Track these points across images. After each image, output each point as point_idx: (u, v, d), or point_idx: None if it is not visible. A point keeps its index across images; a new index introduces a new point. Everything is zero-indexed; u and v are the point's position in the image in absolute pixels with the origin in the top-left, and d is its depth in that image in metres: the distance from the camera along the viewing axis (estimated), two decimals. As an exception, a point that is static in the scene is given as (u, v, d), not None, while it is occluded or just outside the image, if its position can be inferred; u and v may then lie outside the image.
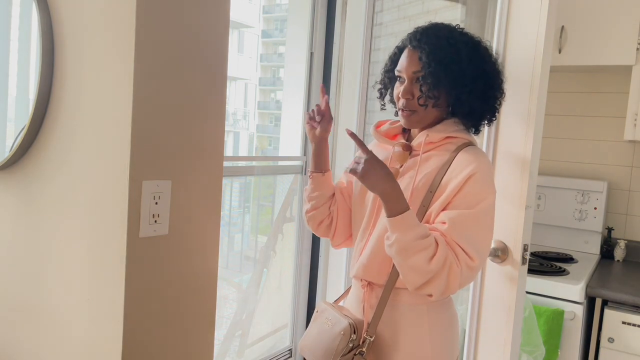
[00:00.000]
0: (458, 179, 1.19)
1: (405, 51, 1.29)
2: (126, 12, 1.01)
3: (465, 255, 1.16)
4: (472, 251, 1.16)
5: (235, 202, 2.19)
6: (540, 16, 1.51)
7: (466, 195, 1.19)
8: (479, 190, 1.19)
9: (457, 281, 1.16)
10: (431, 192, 1.23)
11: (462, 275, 1.16)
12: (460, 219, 1.17)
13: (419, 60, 1.25)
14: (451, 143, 1.28)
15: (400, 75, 1.29)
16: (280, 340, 2.26)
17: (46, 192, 1.19)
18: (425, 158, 1.29)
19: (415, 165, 1.28)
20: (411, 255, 1.14)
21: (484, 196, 1.19)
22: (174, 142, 1.10)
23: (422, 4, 2.26)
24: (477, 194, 1.19)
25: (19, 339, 1.26)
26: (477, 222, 1.18)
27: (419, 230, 1.15)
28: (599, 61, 2.34)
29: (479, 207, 1.18)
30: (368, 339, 1.24)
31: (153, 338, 1.11)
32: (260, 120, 11.29)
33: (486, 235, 1.21)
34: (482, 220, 1.19)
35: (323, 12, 2.11)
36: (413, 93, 1.27)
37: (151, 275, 1.09)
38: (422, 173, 1.26)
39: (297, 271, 2.20)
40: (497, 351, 1.60)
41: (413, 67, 1.26)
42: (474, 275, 1.20)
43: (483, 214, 1.19)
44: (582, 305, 2.02)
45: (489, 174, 1.23)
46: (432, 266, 1.13)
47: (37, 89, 1.14)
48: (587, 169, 2.67)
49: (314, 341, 1.33)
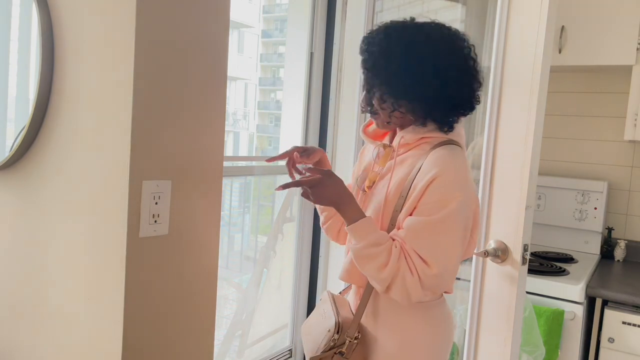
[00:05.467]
0: (422, 183, 1.16)
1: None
2: (126, 12, 1.01)
3: (422, 264, 1.13)
4: (430, 259, 1.13)
5: (235, 202, 2.19)
6: (540, 16, 1.51)
7: (428, 201, 1.15)
8: (440, 197, 1.14)
9: (416, 289, 1.13)
10: (403, 196, 1.20)
11: (423, 283, 1.13)
12: (419, 226, 1.14)
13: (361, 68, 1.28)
14: (427, 143, 1.24)
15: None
16: (280, 340, 2.26)
17: (46, 192, 1.19)
18: (401, 160, 1.26)
19: (390, 170, 1.27)
20: (365, 264, 1.17)
21: (446, 202, 1.14)
22: (174, 142, 1.10)
23: (422, 4, 2.27)
24: (438, 200, 1.14)
25: (19, 339, 1.26)
26: (437, 229, 1.14)
27: (371, 239, 1.15)
28: (599, 61, 2.34)
29: (441, 214, 1.13)
30: (348, 340, 1.24)
31: (153, 338, 1.11)
32: (260, 120, 11.29)
33: (449, 242, 1.15)
34: (443, 227, 1.14)
35: (323, 12, 2.11)
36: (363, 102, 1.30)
37: (151, 275, 1.09)
38: (396, 177, 1.24)
39: (297, 271, 2.20)
40: (497, 351, 1.60)
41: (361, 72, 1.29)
42: (440, 281, 1.15)
43: (445, 221, 1.14)
44: (582, 305, 2.02)
45: (455, 177, 1.17)
46: (383, 275, 1.14)
47: (37, 89, 1.14)
48: (587, 169, 2.67)
49: (309, 330, 1.35)
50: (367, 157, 1.41)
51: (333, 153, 2.13)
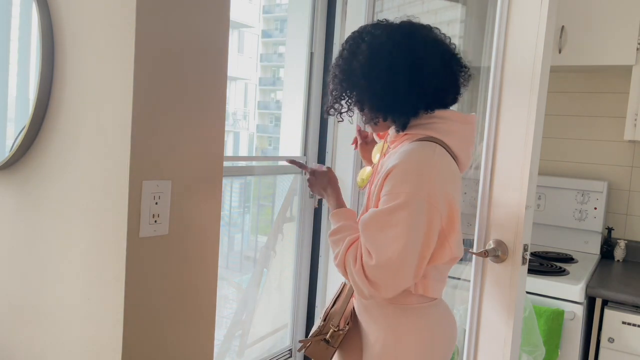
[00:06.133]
0: (382, 176, 1.18)
1: None
2: (126, 12, 1.01)
3: (366, 254, 1.14)
4: (372, 249, 1.13)
5: (235, 202, 2.19)
6: (540, 16, 1.51)
7: (383, 193, 1.16)
8: (392, 188, 1.14)
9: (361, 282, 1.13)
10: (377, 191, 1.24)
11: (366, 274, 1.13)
12: (368, 217, 1.16)
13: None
14: (408, 139, 1.25)
15: None
16: (280, 340, 2.26)
17: (46, 192, 1.19)
18: (387, 157, 1.28)
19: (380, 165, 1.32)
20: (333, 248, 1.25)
21: (396, 195, 1.12)
22: (174, 142, 1.10)
23: (422, 4, 2.26)
24: (390, 191, 1.14)
25: (19, 338, 1.26)
26: (382, 220, 1.13)
27: (336, 228, 1.25)
28: (599, 61, 2.33)
29: (391, 205, 1.12)
30: (332, 329, 1.31)
31: (153, 338, 1.11)
32: (260, 120, 11.28)
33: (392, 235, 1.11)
34: (388, 219, 1.12)
35: (323, 12, 2.11)
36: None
37: (151, 275, 1.09)
38: (379, 172, 1.25)
39: (297, 271, 2.20)
40: (497, 351, 1.60)
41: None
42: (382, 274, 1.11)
43: (392, 212, 1.12)
44: (582, 305, 2.02)
45: (411, 170, 1.14)
46: (336, 262, 1.21)
47: (37, 89, 1.14)
48: (587, 169, 2.67)
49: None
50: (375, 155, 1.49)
51: (333, 153, 2.13)
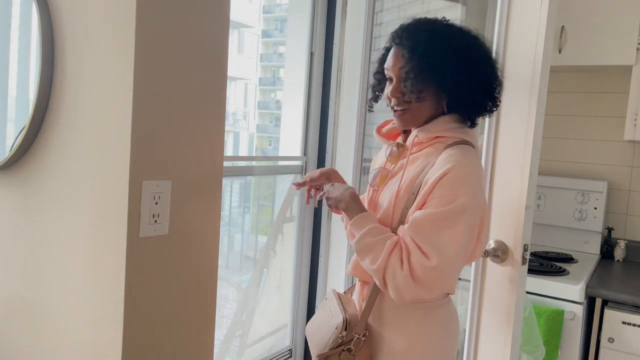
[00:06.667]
0: (432, 179, 1.17)
1: (392, 50, 1.28)
2: (126, 12, 1.01)
3: (421, 256, 1.12)
4: (431, 251, 1.12)
5: (235, 202, 2.19)
6: (540, 16, 1.51)
7: (437, 195, 1.15)
8: (450, 190, 1.14)
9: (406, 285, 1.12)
10: (413, 193, 1.21)
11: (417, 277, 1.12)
12: (423, 218, 1.14)
13: (402, 57, 1.23)
14: (441, 142, 1.25)
15: (388, 74, 1.28)
16: (280, 340, 2.26)
17: (46, 192, 1.19)
18: (413, 159, 1.27)
19: (402, 168, 1.28)
20: (363, 257, 1.19)
21: (455, 196, 1.14)
22: (174, 142, 1.10)
23: (422, 4, 2.26)
24: (448, 194, 1.14)
25: (19, 339, 1.26)
26: (443, 221, 1.13)
27: (366, 232, 1.19)
28: (599, 61, 2.34)
29: (450, 207, 1.13)
30: (356, 337, 1.24)
31: (153, 338, 1.11)
32: (260, 120, 11.28)
33: (454, 235, 1.13)
34: (450, 220, 1.13)
35: (323, 12, 2.11)
36: (402, 91, 1.24)
37: (151, 275, 1.09)
38: (408, 175, 1.25)
39: (297, 271, 2.20)
40: (497, 351, 1.60)
41: (398, 64, 1.24)
42: (437, 276, 1.12)
43: (453, 213, 1.13)
44: (582, 305, 2.02)
45: (467, 173, 1.17)
46: (375, 267, 1.16)
47: (37, 89, 1.14)
48: (587, 169, 2.67)
49: (315, 329, 1.35)
50: (379, 159, 1.43)
51: (333, 153, 2.13)
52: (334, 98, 2.10)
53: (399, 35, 1.26)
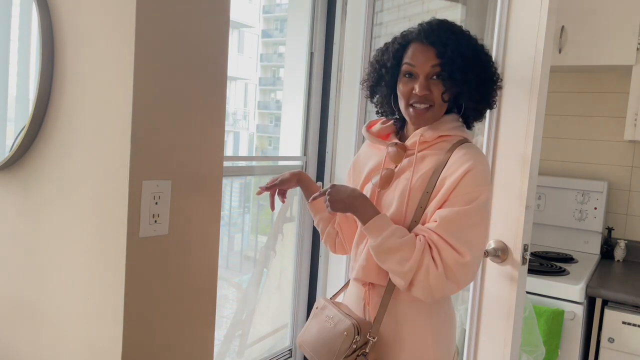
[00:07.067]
0: (454, 176, 1.19)
1: (416, 46, 1.26)
2: (126, 12, 1.01)
3: (454, 252, 1.14)
4: (463, 248, 1.14)
5: (235, 202, 2.19)
6: (540, 16, 1.51)
7: (461, 193, 1.18)
8: (473, 188, 1.18)
9: (440, 283, 1.14)
10: (427, 192, 1.22)
11: (450, 274, 1.14)
12: (452, 216, 1.16)
13: (437, 56, 1.23)
14: (445, 141, 1.27)
15: (413, 71, 1.26)
16: (280, 340, 2.26)
17: (46, 192, 1.19)
18: (421, 158, 1.28)
19: (410, 166, 1.28)
20: (386, 258, 1.18)
21: (478, 193, 1.18)
22: (174, 142, 1.10)
23: (422, 4, 2.27)
24: (472, 191, 1.18)
25: (19, 339, 1.26)
26: (470, 218, 1.17)
27: (389, 231, 1.18)
28: (599, 61, 2.34)
29: (474, 204, 1.17)
30: (371, 340, 1.23)
31: (153, 338, 1.11)
32: (260, 120, 11.29)
33: (480, 231, 1.19)
34: (476, 217, 1.17)
35: (323, 12, 2.11)
36: (430, 89, 1.24)
37: (151, 275, 1.09)
38: (418, 174, 1.25)
39: (297, 271, 2.20)
40: (497, 351, 1.60)
41: (431, 61, 1.23)
42: (468, 271, 1.16)
43: (477, 210, 1.17)
44: (582, 305, 2.02)
45: (485, 171, 1.21)
46: (406, 268, 1.15)
47: (37, 89, 1.14)
48: (587, 169, 2.67)
49: (316, 339, 1.32)
50: (368, 160, 1.40)
51: (333, 153, 2.13)
52: (334, 98, 2.10)
53: (432, 33, 1.24)
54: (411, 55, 1.26)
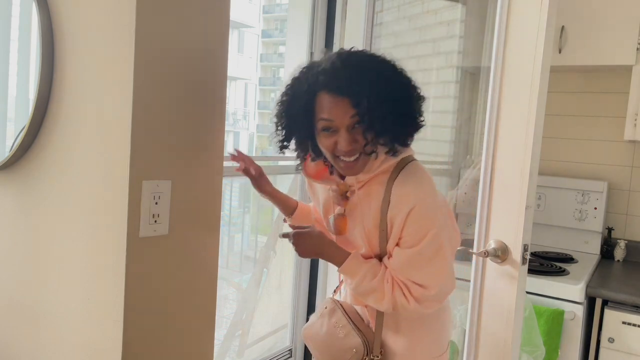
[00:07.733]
0: (399, 217, 1.18)
1: (327, 98, 1.15)
2: (126, 12, 1.01)
3: (420, 288, 1.19)
4: (426, 282, 1.19)
5: (235, 202, 2.19)
6: (540, 16, 1.51)
7: (409, 233, 1.18)
8: (420, 226, 1.17)
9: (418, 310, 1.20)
10: (383, 230, 1.22)
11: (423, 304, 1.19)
12: (407, 258, 1.19)
13: (352, 106, 1.12)
14: (383, 174, 1.22)
15: (332, 125, 1.16)
16: (280, 340, 2.26)
17: (46, 192, 1.19)
18: (365, 194, 1.24)
19: (357, 206, 1.26)
20: (365, 298, 1.24)
21: (425, 230, 1.17)
22: (174, 142, 1.10)
23: (422, 4, 2.27)
24: (419, 229, 1.17)
25: (19, 339, 1.26)
26: (424, 255, 1.18)
27: (362, 276, 1.22)
28: (599, 61, 2.33)
29: (424, 242, 1.17)
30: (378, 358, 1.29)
31: (153, 338, 1.11)
32: (260, 120, 11.29)
33: (438, 262, 1.19)
34: (428, 252, 1.18)
35: (323, 12, 2.11)
36: (356, 139, 1.15)
37: (151, 275, 1.09)
38: (367, 214, 1.23)
39: (297, 271, 2.20)
40: (497, 351, 1.60)
41: (349, 113, 1.13)
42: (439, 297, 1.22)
43: (428, 246, 1.17)
44: (582, 305, 2.02)
45: (430, 202, 1.18)
46: (384, 305, 1.22)
47: (37, 89, 1.14)
48: (587, 169, 2.67)
49: (323, 341, 1.36)
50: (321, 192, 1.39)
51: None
52: (334, 98, 2.10)
53: (338, 83, 1.13)
54: (327, 110, 1.15)
